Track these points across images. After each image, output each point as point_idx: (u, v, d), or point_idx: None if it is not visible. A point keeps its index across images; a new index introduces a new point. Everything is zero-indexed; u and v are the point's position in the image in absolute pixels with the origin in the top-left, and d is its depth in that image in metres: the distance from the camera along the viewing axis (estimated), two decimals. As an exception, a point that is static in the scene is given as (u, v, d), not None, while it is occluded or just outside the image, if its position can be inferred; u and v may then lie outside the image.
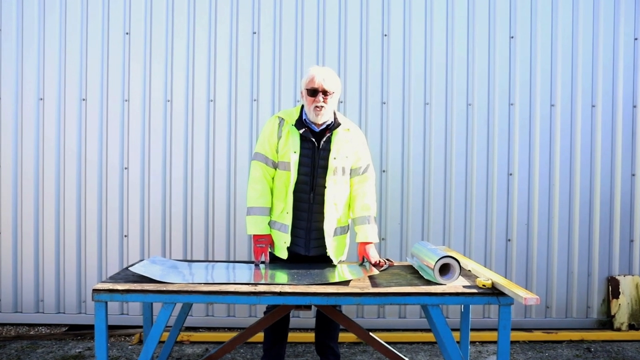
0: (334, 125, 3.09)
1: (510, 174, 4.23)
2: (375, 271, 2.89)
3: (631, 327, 4.22)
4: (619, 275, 4.25)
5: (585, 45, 4.23)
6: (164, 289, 2.53)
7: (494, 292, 2.54)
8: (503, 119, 4.22)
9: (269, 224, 3.11)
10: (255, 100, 4.18)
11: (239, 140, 4.17)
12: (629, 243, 4.27)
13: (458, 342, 3.25)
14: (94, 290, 2.53)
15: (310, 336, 3.91)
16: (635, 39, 4.23)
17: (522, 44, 4.21)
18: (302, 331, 4.16)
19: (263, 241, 3.07)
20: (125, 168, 4.18)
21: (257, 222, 3.06)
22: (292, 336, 3.90)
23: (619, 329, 4.20)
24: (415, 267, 3.01)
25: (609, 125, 4.25)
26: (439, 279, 2.68)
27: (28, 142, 4.16)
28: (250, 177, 3.12)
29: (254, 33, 4.17)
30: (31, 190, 4.17)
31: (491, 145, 4.22)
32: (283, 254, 3.08)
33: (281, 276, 2.81)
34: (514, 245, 4.23)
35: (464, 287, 2.62)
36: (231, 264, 3.19)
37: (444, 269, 2.71)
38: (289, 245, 3.07)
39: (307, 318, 4.10)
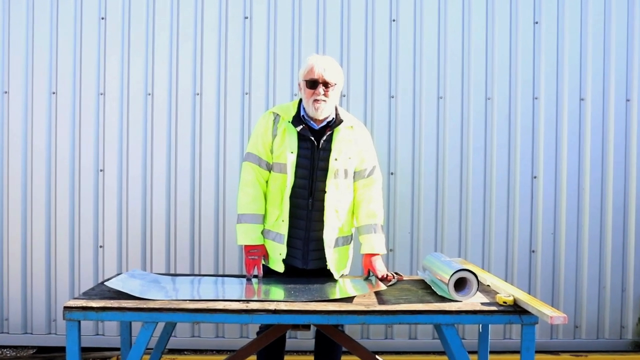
0: (336, 122, 3.09)
1: (535, 177, 4.23)
2: (382, 286, 2.89)
3: (671, 349, 4.21)
4: (657, 290, 4.25)
5: (618, 31, 4.23)
6: (144, 306, 2.52)
7: (516, 310, 2.54)
8: (526, 115, 4.22)
9: (262, 233, 3.11)
10: (247, 94, 4.18)
11: (228, 139, 4.17)
12: (669, 254, 4.27)
13: (476, 367, 3.22)
14: (66, 308, 2.53)
15: (309, 360, 3.90)
16: (677, 24, 4.24)
17: (548, 31, 4.21)
18: (299, 354, 4.15)
19: (255, 252, 3.07)
20: (101, 170, 4.17)
21: (248, 231, 3.06)
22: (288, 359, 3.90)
23: (657, 352, 4.19)
24: (427, 282, 3.01)
25: (646, 121, 4.26)
26: (454, 295, 2.67)
27: (-9, 141, 4.18)
28: (242, 181, 3.12)
29: (246, 18, 4.17)
30: (-6, 195, 4.18)
31: (513, 144, 4.22)
32: (278, 267, 3.08)
33: (276, 292, 2.81)
34: (538, 256, 4.23)
35: (483, 304, 2.62)
36: (220, 278, 3.19)
37: (460, 284, 2.71)
38: (284, 258, 3.07)
39: (306, 339, 4.10)
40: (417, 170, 4.21)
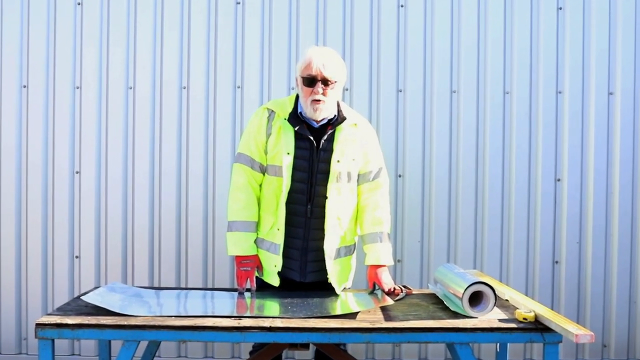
0: (338, 119, 3.10)
1: (558, 180, 4.23)
2: (389, 301, 2.90)
3: None
4: (694, 306, 4.25)
5: (651, 18, 4.24)
6: (125, 323, 2.52)
7: (537, 328, 2.54)
8: (549, 111, 4.22)
9: (255, 242, 3.12)
10: (238, 88, 4.19)
11: (218, 137, 4.18)
12: None
13: (493, 390, 3.24)
14: (38, 325, 2.52)
15: (308, 382, 3.91)
16: None
17: (573, 17, 4.21)
18: (297, 376, 4.16)
19: (248, 264, 3.08)
20: (77, 172, 4.18)
21: (240, 241, 3.07)
22: (285, 382, 3.91)
23: (694, 374, 4.19)
24: (439, 296, 3.02)
25: (683, 118, 4.25)
26: (469, 310, 2.68)
27: (-46, 140, 4.18)
28: (232, 185, 3.13)
29: (238, 3, 4.18)
30: (-42, 200, 4.18)
31: (534, 144, 4.23)
32: (273, 280, 3.09)
33: (271, 307, 2.82)
34: (562, 268, 4.24)
35: (500, 320, 2.62)
36: (209, 292, 3.20)
37: (476, 299, 2.71)
38: (280, 270, 3.07)
39: (304, 360, 4.10)
40: (427, 172, 4.21)
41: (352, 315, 2.67)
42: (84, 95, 4.17)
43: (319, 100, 2.97)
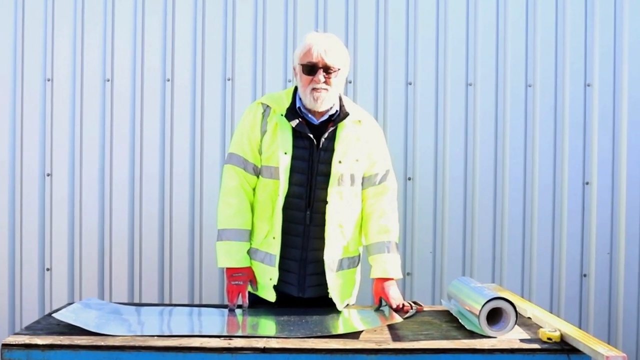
0: (340, 115, 3.10)
1: (587, 183, 4.23)
2: (397, 318, 2.89)
3: None
4: None
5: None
6: (102, 343, 2.51)
7: (563, 349, 2.53)
8: (576, 107, 4.21)
9: (248, 253, 3.12)
10: (229, 80, 4.20)
11: (206, 135, 4.18)
12: None
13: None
14: (4, 346, 2.51)
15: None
16: None
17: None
18: (295, 403, 4.15)
19: (240, 277, 3.08)
20: (48, 174, 4.18)
21: (231, 251, 3.08)
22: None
23: None
24: (453, 313, 3.00)
25: None
26: (486, 329, 2.67)
27: None
28: (223, 188, 3.14)
29: (228, -15, 4.21)
30: None
31: (559, 142, 4.22)
32: (269, 294, 3.09)
33: (266, 326, 2.82)
34: (591, 282, 4.23)
35: (522, 341, 2.61)
36: (196, 308, 3.20)
37: (494, 316, 2.70)
38: (276, 283, 3.07)
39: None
40: (440, 174, 4.21)
41: (356, 335, 2.66)
42: (55, 89, 4.16)
43: (321, 89, 2.98)
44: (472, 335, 2.69)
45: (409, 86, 4.22)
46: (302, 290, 3.12)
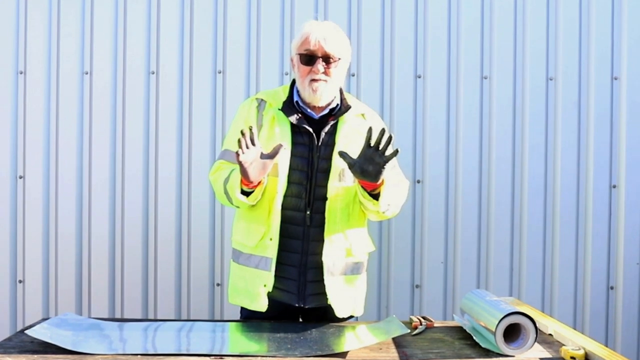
0: (341, 109, 3.03)
1: (614, 186, 4.17)
2: (401, 329, 2.79)
3: None
4: None
5: None
6: (80, 363, 2.45)
7: (587, 368, 2.48)
8: (602, 101, 4.16)
9: (238, 258, 3.05)
10: (220, 73, 4.15)
11: (195, 133, 4.14)
12: None
13: None
14: (-29, 367, 2.46)
15: None
16: None
17: (631, -15, 4.24)
18: None
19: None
20: (20, 176, 4.12)
21: (237, 178, 2.94)
22: None
23: None
24: (467, 330, 2.91)
25: None
26: (503, 347, 2.55)
27: None
28: (213, 174, 3.06)
29: (219, -30, 4.22)
30: None
31: (583, 141, 4.18)
32: (261, 304, 2.97)
33: (260, 343, 2.72)
34: (618, 295, 4.18)
35: None
36: (183, 323, 3.09)
37: (512, 333, 2.59)
38: (270, 291, 2.97)
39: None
40: (452, 176, 4.17)
41: (360, 355, 2.57)
42: (28, 82, 4.15)
43: (319, 80, 2.94)
44: (488, 353, 2.60)
45: (418, 80, 4.18)
46: (303, 299, 3.02)
